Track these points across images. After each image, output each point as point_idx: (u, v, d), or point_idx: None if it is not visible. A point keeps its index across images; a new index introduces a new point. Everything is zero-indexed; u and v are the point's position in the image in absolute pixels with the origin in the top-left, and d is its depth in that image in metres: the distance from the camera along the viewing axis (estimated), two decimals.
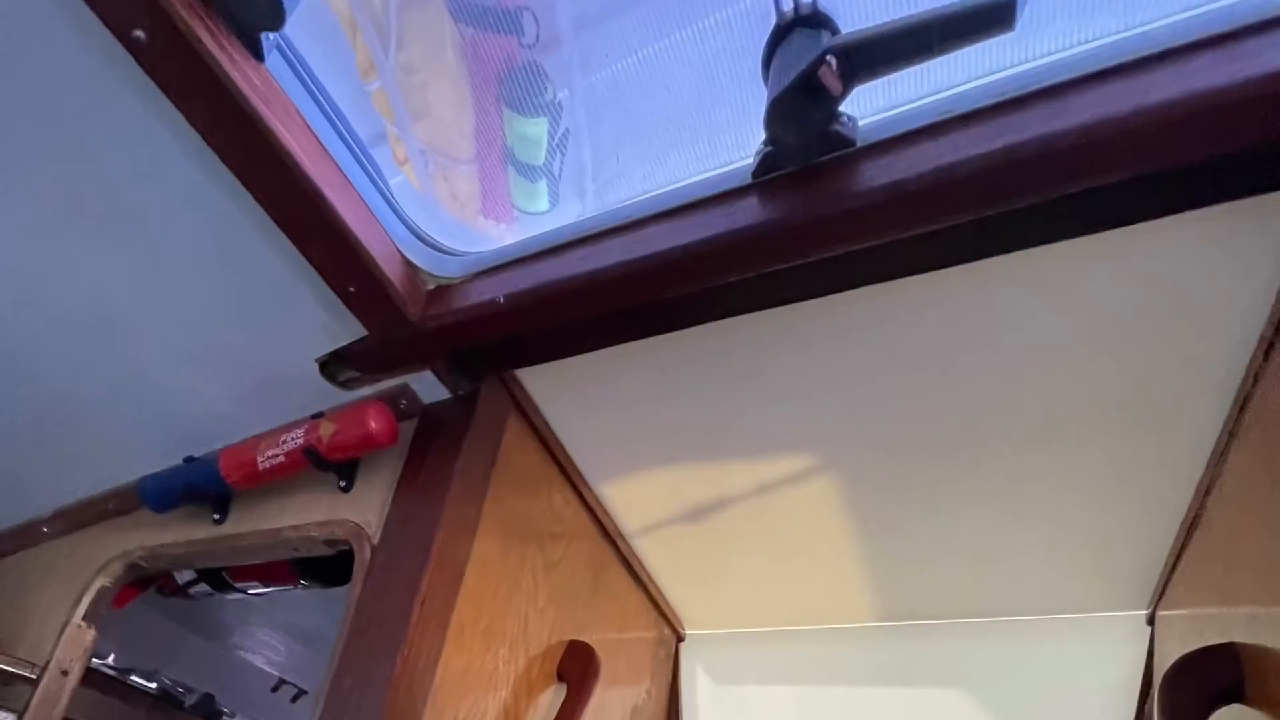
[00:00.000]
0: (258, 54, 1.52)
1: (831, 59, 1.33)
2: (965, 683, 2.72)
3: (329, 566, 2.81)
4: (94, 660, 3.23)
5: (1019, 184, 1.33)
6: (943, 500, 2.18)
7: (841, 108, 1.44)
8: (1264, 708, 1.52)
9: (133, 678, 5.31)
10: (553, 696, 2.27)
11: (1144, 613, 2.44)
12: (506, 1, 2.21)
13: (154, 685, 5.44)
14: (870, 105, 1.49)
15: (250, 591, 3.09)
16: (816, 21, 1.43)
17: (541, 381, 2.09)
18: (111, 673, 5.16)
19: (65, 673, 2.58)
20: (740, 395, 1.97)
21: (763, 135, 1.50)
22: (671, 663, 3.19)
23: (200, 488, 2.34)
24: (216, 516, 2.40)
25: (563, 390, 2.10)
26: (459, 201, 2.19)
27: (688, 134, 1.94)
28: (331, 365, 2.06)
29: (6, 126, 1.69)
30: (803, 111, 1.42)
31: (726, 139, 1.84)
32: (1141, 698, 2.40)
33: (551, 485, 2.32)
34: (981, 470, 2.04)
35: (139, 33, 1.42)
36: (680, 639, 3.23)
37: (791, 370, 1.87)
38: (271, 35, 1.53)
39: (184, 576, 3.06)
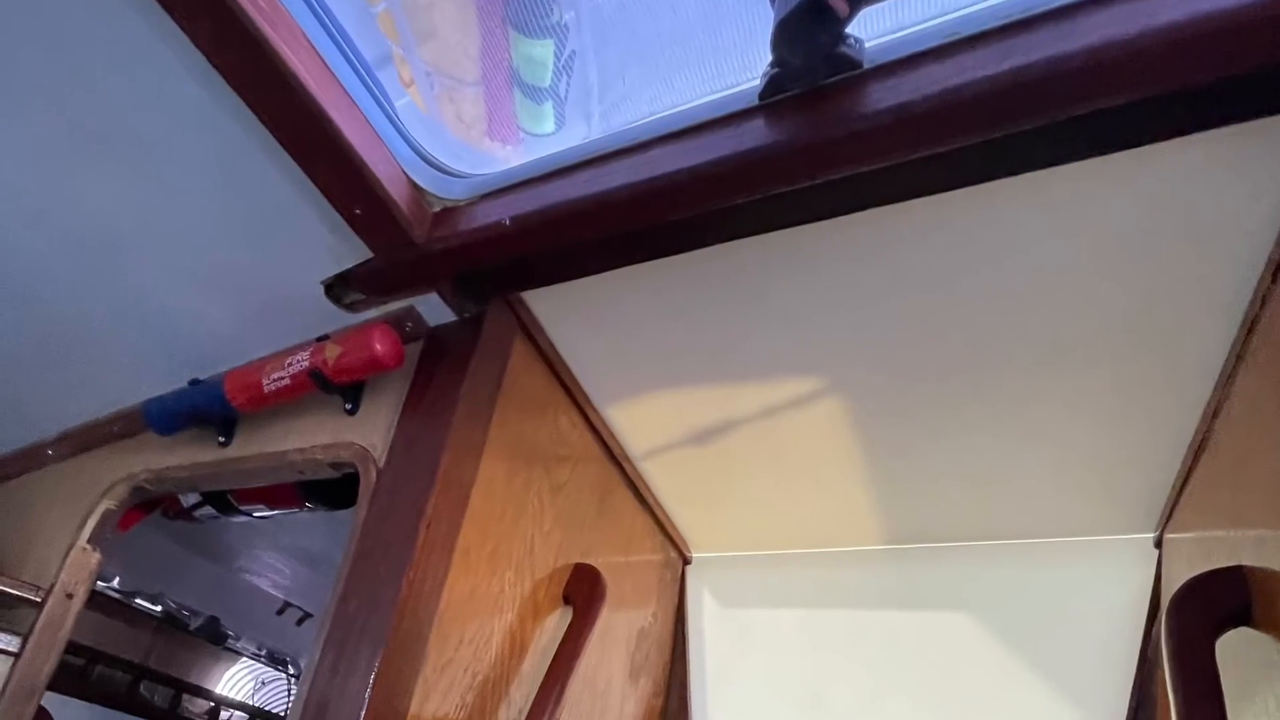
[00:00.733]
0: None
1: None
2: (971, 606, 2.76)
3: (334, 489, 2.83)
4: (99, 583, 3.26)
5: (1026, 106, 1.35)
6: (949, 423, 2.21)
7: (848, 30, 1.45)
8: (1271, 631, 1.53)
9: (138, 601, 5.40)
10: (559, 619, 2.31)
11: (1151, 536, 2.48)
12: None
13: (159, 608, 5.53)
14: (877, 27, 1.50)
15: (255, 514, 3.13)
16: None
17: (548, 304, 2.11)
18: (116, 596, 5.24)
19: (70, 596, 2.62)
20: (747, 318, 1.99)
21: (769, 57, 1.51)
22: (678, 585, 3.24)
23: (205, 410, 2.37)
24: (221, 439, 2.43)
25: (569, 313, 2.12)
26: (464, 123, 2.19)
27: (694, 56, 1.93)
28: (337, 288, 2.08)
29: (9, 50, 1.70)
30: (809, 33, 1.43)
31: (733, 61, 1.84)
32: (1148, 621, 2.43)
33: (557, 408, 2.34)
34: (988, 393, 2.07)
35: None
36: (686, 562, 3.28)
37: (798, 292, 1.89)
38: None
39: (189, 499, 3.10)
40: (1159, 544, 2.46)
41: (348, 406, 2.16)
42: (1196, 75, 1.26)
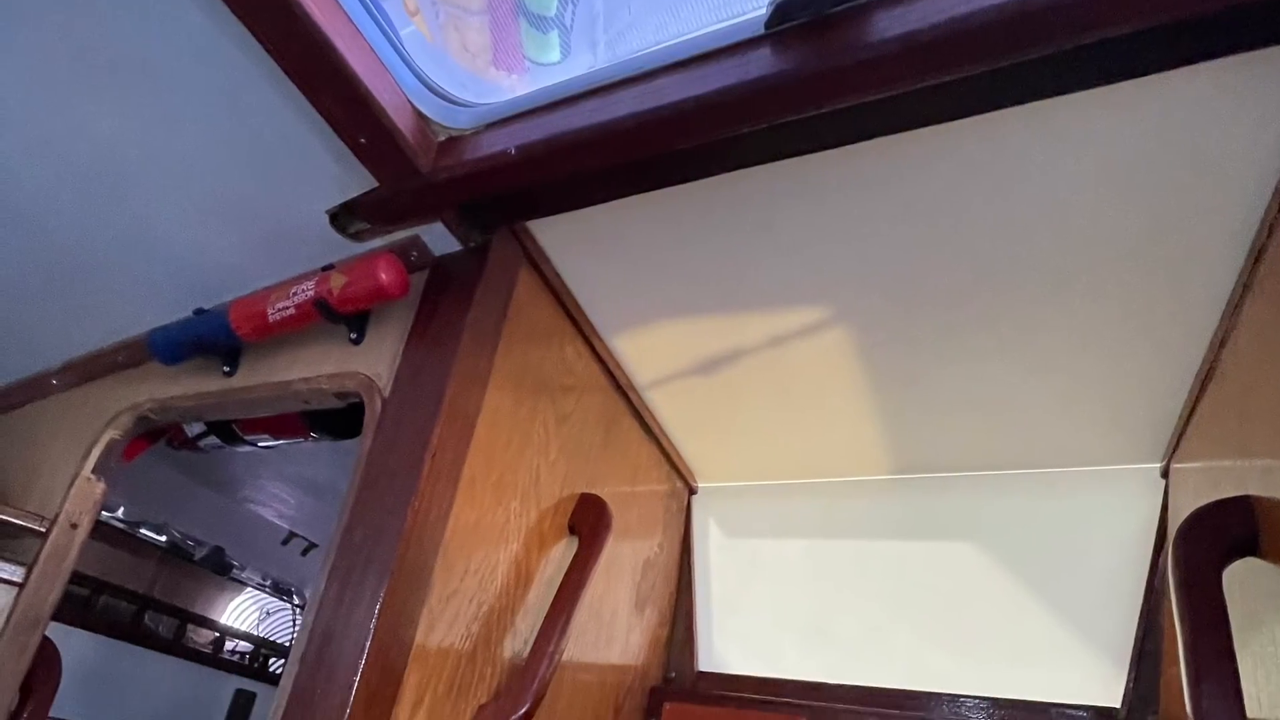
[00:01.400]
0: None
1: None
2: (978, 536, 2.81)
3: (339, 419, 2.86)
4: (103, 513, 3.28)
5: (1032, 35, 1.36)
6: (956, 352, 2.24)
7: None
8: (1278, 561, 1.55)
9: (142, 531, 5.45)
10: (564, 549, 2.35)
11: (1158, 465, 2.52)
12: None
13: (163, 538, 5.58)
14: None
15: (260, 444, 3.15)
16: None
17: (553, 233, 2.13)
18: (121, 526, 5.30)
19: (74, 526, 2.66)
20: (753, 247, 2.02)
21: None
22: (683, 515, 3.29)
23: (210, 340, 2.39)
24: (226, 369, 2.45)
25: (574, 242, 2.15)
26: (470, 52, 2.18)
27: None
28: (342, 217, 2.09)
29: None
30: None
31: None
32: (1155, 550, 2.48)
33: (563, 338, 2.37)
34: (995, 322, 2.10)
35: None
36: (692, 492, 3.32)
37: (804, 222, 1.91)
38: None
39: (194, 429, 3.12)
40: (1166, 474, 2.50)
41: (353, 336, 2.18)
42: (1203, 3, 1.27)
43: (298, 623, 6.66)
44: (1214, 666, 1.42)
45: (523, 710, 1.89)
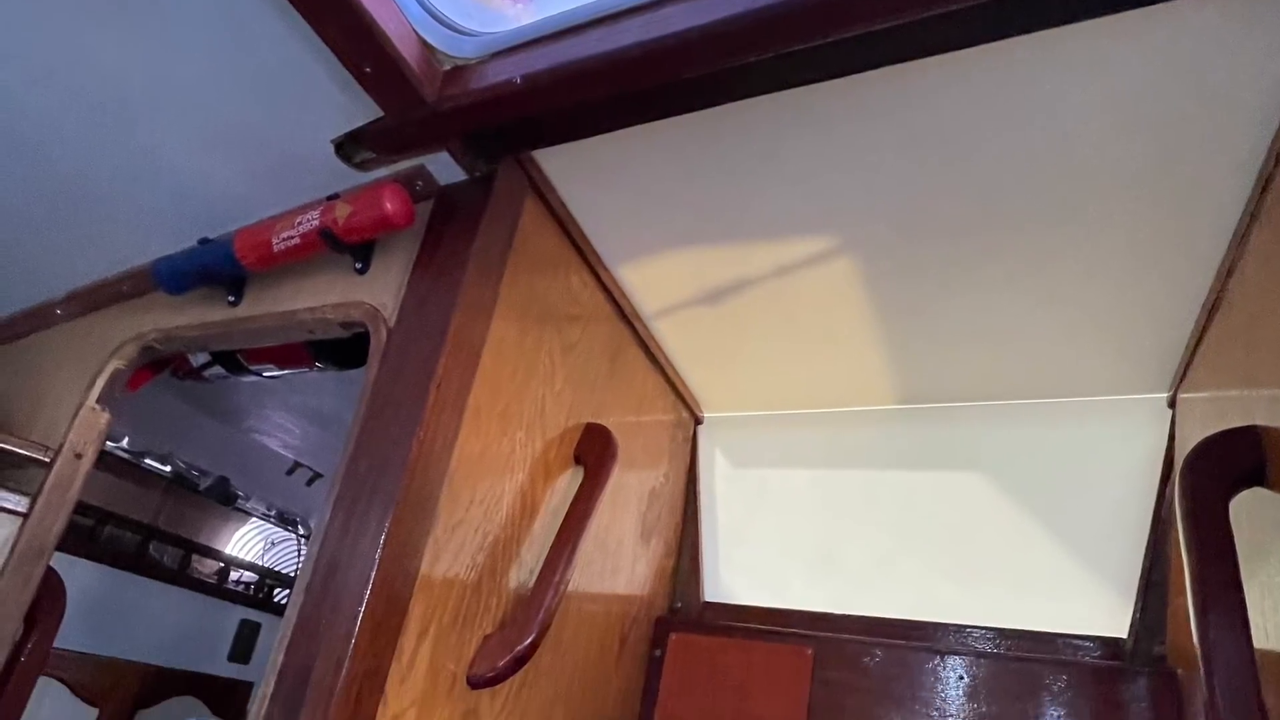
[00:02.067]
0: None
1: None
2: (985, 466, 2.84)
3: (345, 349, 2.88)
4: (108, 443, 3.29)
5: None
6: (962, 283, 2.26)
7: None
8: None
9: (147, 461, 5.49)
10: (570, 480, 2.39)
11: (1165, 395, 2.55)
12: None
13: (168, 468, 5.63)
14: None
15: (265, 374, 3.18)
16: None
17: (559, 163, 2.14)
18: (125, 456, 5.33)
19: (79, 456, 2.68)
20: (759, 177, 2.03)
21: None
22: (689, 445, 3.32)
23: (215, 269, 2.41)
24: (231, 298, 2.47)
25: (580, 172, 2.16)
26: None
27: None
28: (347, 146, 2.10)
29: None
30: None
31: None
32: (1162, 481, 2.52)
33: (569, 267, 2.39)
34: (1001, 253, 2.12)
35: None
36: (698, 422, 3.36)
37: (810, 152, 1.93)
38: None
39: (198, 359, 3.14)
40: (1173, 404, 2.53)
41: (358, 266, 2.20)
42: None
43: (303, 553, 6.73)
44: (1221, 597, 1.44)
45: (528, 640, 1.91)
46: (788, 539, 3.12)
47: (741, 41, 1.62)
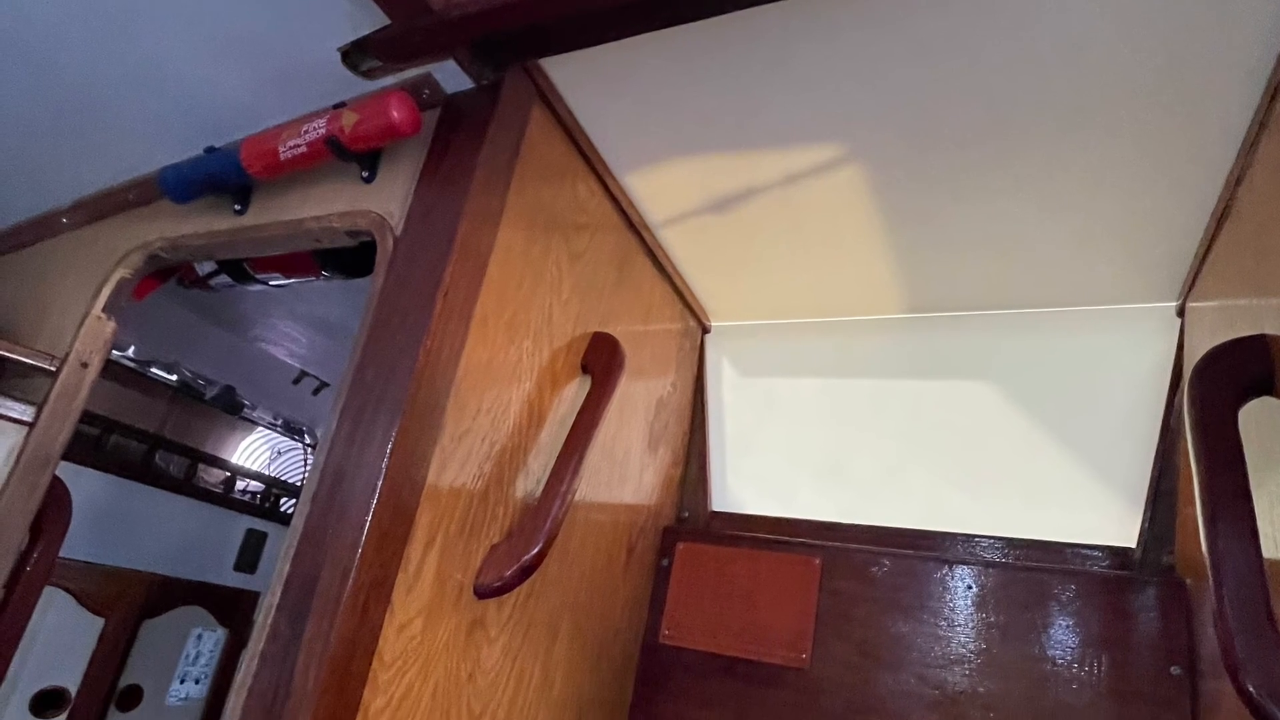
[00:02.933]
0: None
1: None
2: (993, 375, 2.89)
3: (351, 257, 2.88)
4: (114, 352, 3.29)
5: None
6: (971, 191, 2.28)
7: None
8: None
9: (153, 370, 5.52)
10: (577, 389, 2.42)
11: (1174, 304, 2.59)
12: None
13: (174, 377, 5.65)
14: None
15: (271, 283, 3.18)
16: None
17: (566, 71, 2.14)
18: (131, 365, 5.37)
19: (85, 365, 2.71)
20: (766, 85, 2.04)
21: None
22: (697, 354, 3.37)
23: (221, 178, 2.43)
24: (237, 207, 2.50)
25: (587, 80, 2.16)
26: None
27: None
28: (353, 54, 2.10)
29: None
30: None
31: None
32: (1171, 390, 2.56)
33: (576, 176, 2.40)
34: (1010, 161, 2.14)
35: None
36: (706, 331, 3.41)
37: (818, 59, 1.94)
38: None
39: (204, 268, 3.14)
40: (1181, 312, 2.57)
41: (364, 174, 2.21)
42: None
43: (309, 462, 6.79)
44: (1229, 505, 1.47)
45: (535, 550, 1.96)
46: (795, 448, 3.17)
47: None
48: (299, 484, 6.66)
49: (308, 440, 6.89)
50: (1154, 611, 2.33)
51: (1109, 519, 2.59)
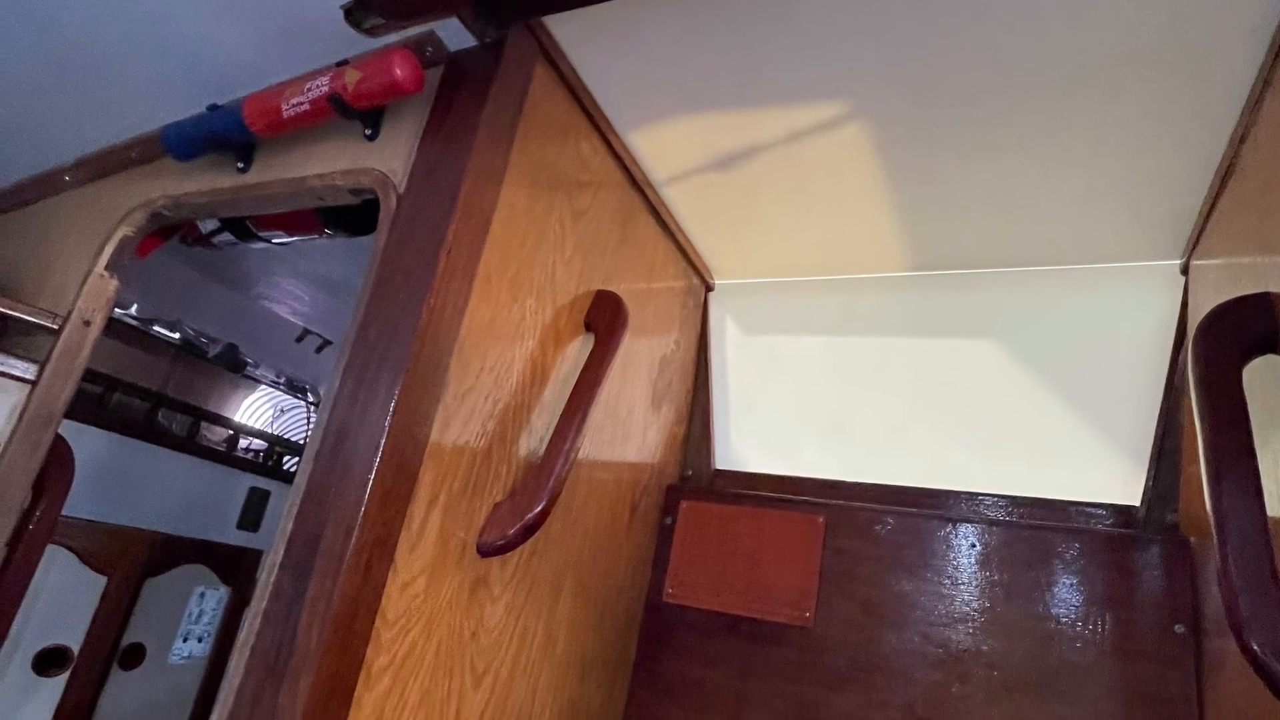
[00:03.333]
0: None
1: None
2: (997, 333, 2.90)
3: (354, 215, 2.91)
4: (117, 310, 3.30)
5: None
6: (975, 149, 2.29)
7: None
8: None
9: (156, 328, 5.54)
10: (580, 347, 2.44)
11: (1178, 262, 2.60)
12: None
13: (177, 335, 5.67)
14: None
15: (274, 241, 3.22)
16: None
17: (569, 28, 2.15)
18: (134, 323, 5.39)
19: (87, 323, 2.73)
20: (770, 42, 2.04)
21: None
22: (700, 312, 3.39)
23: (224, 135, 2.44)
24: (240, 165, 2.51)
25: (591, 37, 2.17)
26: None
27: None
28: (356, 12, 2.09)
29: None
30: None
31: None
32: (1175, 348, 2.57)
33: (579, 133, 2.41)
34: (1013, 118, 2.15)
35: None
36: (709, 288, 3.42)
37: (822, 16, 1.94)
38: None
39: (207, 226, 3.19)
40: (1186, 270, 2.58)
41: (368, 132, 2.22)
42: None
43: (312, 420, 6.83)
44: (1234, 464, 1.48)
45: (539, 508, 1.97)
46: (799, 406, 3.19)
47: None
48: (302, 442, 6.68)
49: (310, 398, 6.91)
50: (1158, 570, 2.36)
51: (1113, 477, 2.61)
